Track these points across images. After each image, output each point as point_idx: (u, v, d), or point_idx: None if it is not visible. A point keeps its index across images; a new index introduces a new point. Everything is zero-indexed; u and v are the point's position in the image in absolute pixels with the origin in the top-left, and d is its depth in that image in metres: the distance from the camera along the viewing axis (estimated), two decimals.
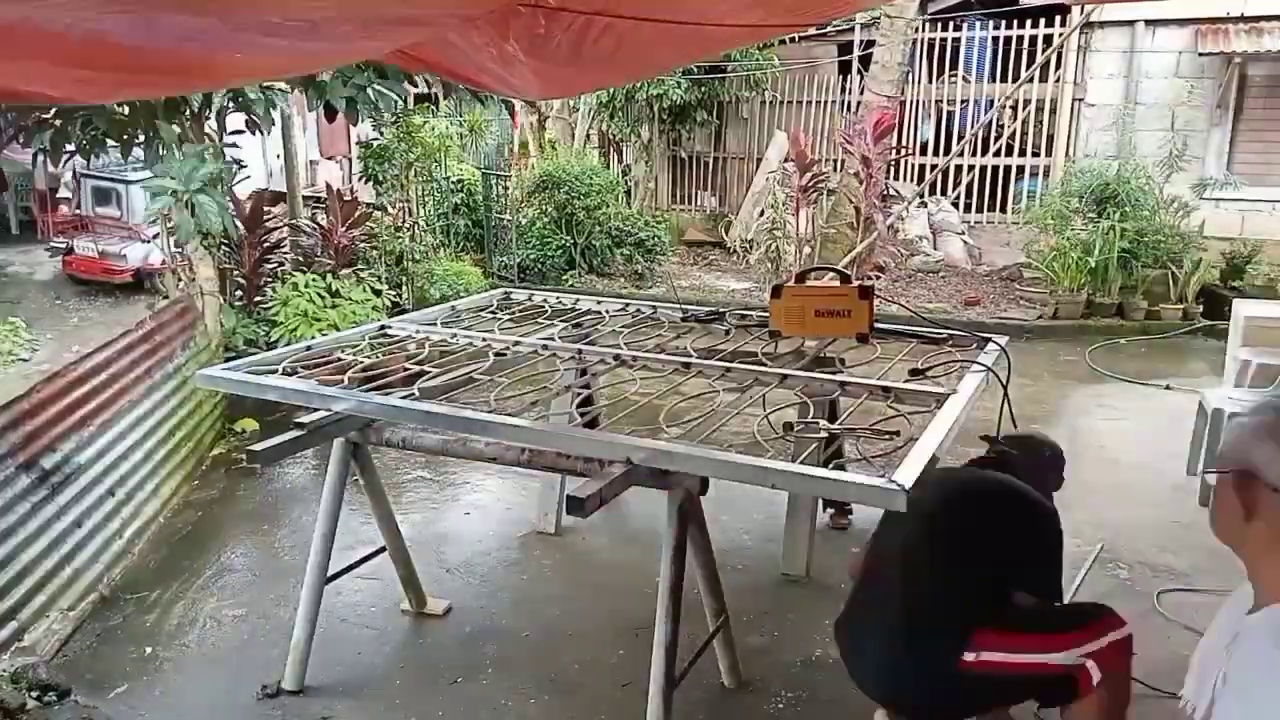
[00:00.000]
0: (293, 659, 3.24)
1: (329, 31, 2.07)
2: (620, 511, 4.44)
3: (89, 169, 10.47)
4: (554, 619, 3.69)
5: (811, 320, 3.46)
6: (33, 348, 9.04)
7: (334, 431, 3.18)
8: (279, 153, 10.36)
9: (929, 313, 8.70)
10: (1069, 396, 6.48)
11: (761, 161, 11.86)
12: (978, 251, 10.77)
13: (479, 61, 3.07)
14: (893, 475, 2.27)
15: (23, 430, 3.76)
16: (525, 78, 3.35)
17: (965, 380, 3.09)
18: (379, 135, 9.15)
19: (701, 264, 11.42)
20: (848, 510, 4.41)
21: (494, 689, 3.24)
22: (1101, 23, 10.12)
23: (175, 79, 2.78)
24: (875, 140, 8.92)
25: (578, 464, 2.77)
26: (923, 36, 10.96)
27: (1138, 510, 4.56)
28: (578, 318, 4.20)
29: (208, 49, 2.01)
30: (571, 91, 8.41)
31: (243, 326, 6.41)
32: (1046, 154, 10.89)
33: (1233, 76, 9.67)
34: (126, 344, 4.74)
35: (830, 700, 3.16)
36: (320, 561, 3.26)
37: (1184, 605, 3.68)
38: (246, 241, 6.90)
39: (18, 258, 12.43)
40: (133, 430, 4.56)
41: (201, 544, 4.40)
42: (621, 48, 3.00)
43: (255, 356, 3.71)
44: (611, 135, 12.33)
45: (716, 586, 3.10)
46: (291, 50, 2.19)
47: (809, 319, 3.46)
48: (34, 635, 3.43)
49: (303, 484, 5.08)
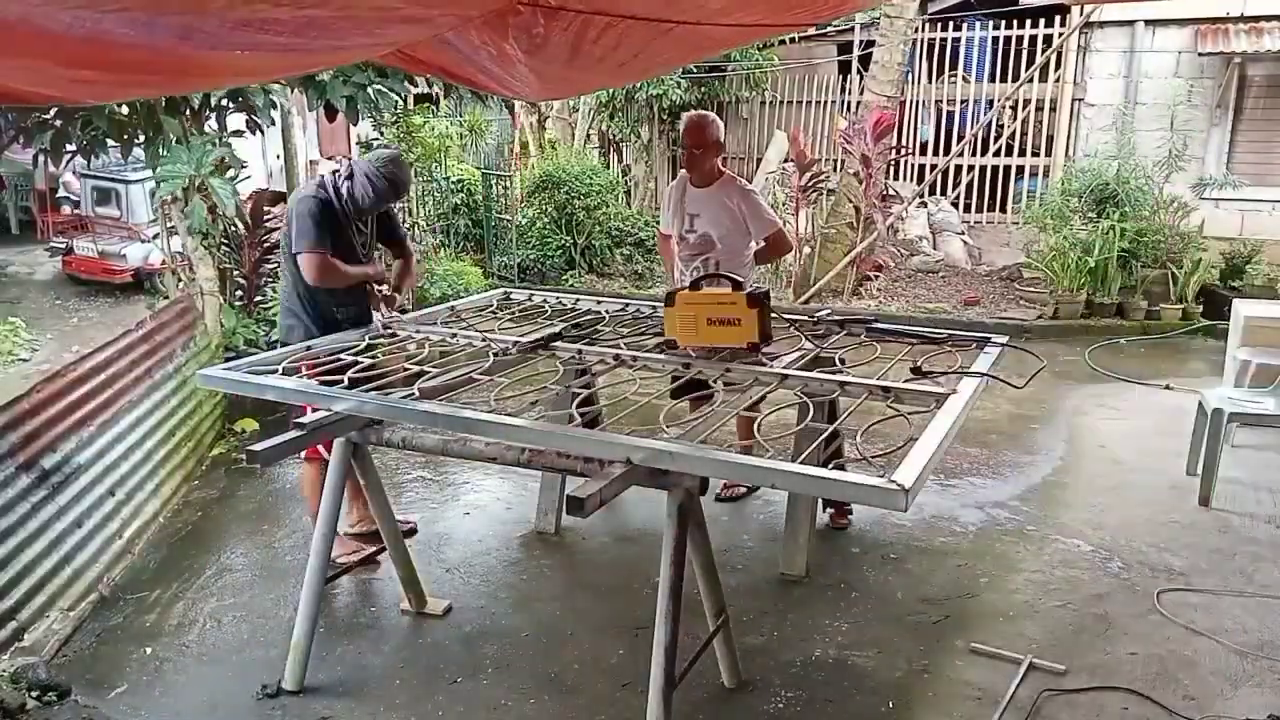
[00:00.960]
0: (293, 659, 3.24)
1: (327, 29, 2.07)
2: (620, 511, 4.45)
3: (89, 169, 10.47)
4: (554, 619, 3.69)
5: (704, 329, 3.33)
6: (32, 348, 9.05)
7: (334, 431, 3.18)
8: (279, 153, 10.36)
9: (929, 313, 8.71)
10: (1069, 396, 6.48)
11: (761, 161, 11.86)
12: (977, 251, 10.77)
13: (478, 62, 3.08)
14: (892, 475, 2.27)
15: (23, 430, 3.75)
16: (525, 79, 3.35)
17: (965, 380, 3.10)
18: (379, 135, 9.15)
19: None
20: (848, 510, 4.41)
21: (494, 689, 3.25)
22: (1101, 23, 10.12)
23: (174, 79, 2.79)
24: (875, 140, 8.92)
25: (578, 464, 2.77)
26: (923, 36, 10.96)
27: (1137, 510, 4.56)
28: (577, 318, 4.21)
29: (207, 48, 2.01)
30: (571, 92, 8.42)
31: (243, 326, 6.40)
32: (1046, 154, 10.89)
33: (1232, 76, 9.67)
34: (126, 344, 4.74)
35: (830, 700, 3.16)
36: (320, 562, 3.26)
37: (1184, 605, 3.69)
38: (246, 241, 6.89)
39: (17, 258, 12.44)
40: (133, 430, 4.56)
41: (201, 544, 4.40)
42: (620, 47, 3.01)
43: (255, 356, 3.71)
44: (611, 135, 12.32)
45: (716, 586, 3.10)
46: (289, 48, 2.19)
47: (701, 328, 3.33)
48: (34, 635, 3.43)
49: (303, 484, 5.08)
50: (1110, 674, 3.24)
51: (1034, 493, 4.87)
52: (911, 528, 4.38)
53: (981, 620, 3.63)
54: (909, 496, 2.21)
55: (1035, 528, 4.42)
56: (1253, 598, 3.75)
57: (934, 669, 3.32)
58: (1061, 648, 3.40)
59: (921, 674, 3.29)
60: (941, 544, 4.27)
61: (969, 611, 3.70)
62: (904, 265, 10.10)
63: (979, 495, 4.78)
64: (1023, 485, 4.95)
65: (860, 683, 3.25)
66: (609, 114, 11.79)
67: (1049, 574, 3.97)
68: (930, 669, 3.32)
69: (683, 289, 3.44)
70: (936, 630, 3.57)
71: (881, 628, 3.59)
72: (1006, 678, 3.22)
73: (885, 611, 3.70)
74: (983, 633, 3.52)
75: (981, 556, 4.11)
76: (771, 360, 3.36)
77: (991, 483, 4.97)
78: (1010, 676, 3.23)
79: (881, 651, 3.43)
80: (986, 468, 5.13)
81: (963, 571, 4.02)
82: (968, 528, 4.43)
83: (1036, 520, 4.50)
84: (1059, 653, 3.36)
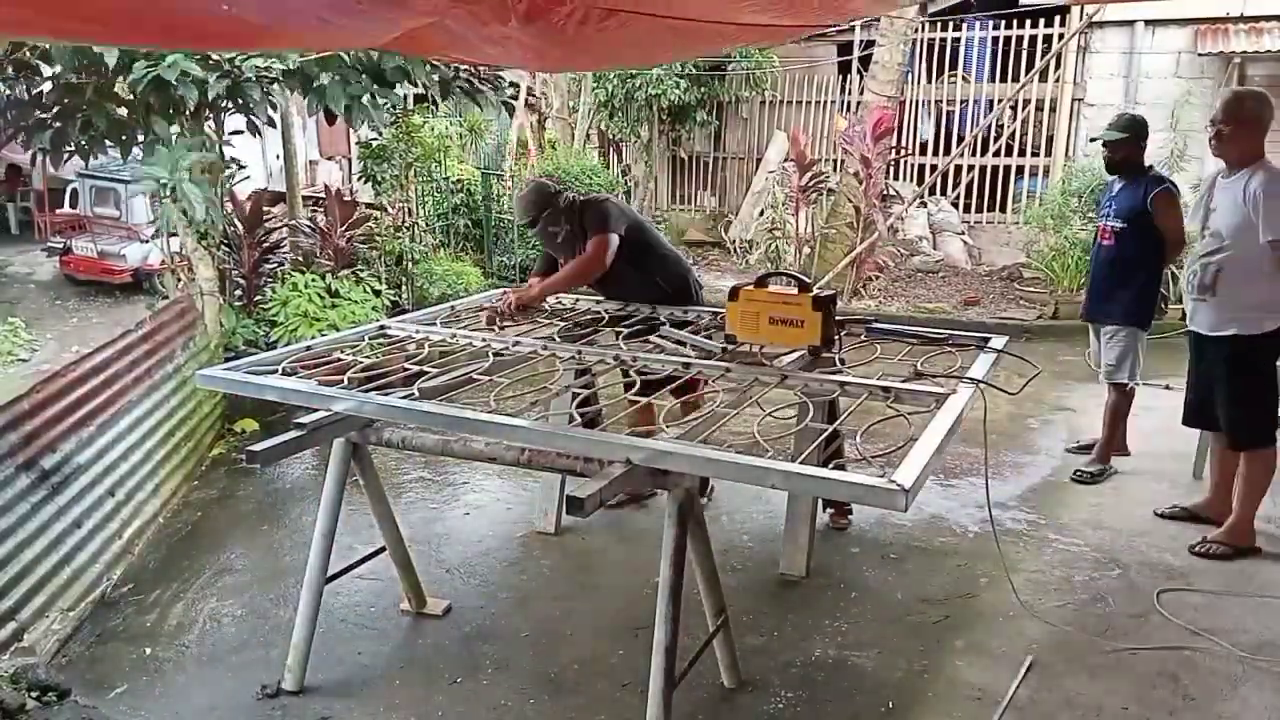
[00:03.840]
0: (293, 659, 3.24)
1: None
2: (620, 511, 4.45)
3: (88, 169, 10.47)
4: (554, 619, 3.69)
5: (765, 327, 3.31)
6: (32, 348, 9.05)
7: (334, 431, 3.18)
8: (279, 153, 10.35)
9: (929, 313, 8.71)
10: (1069, 396, 6.48)
11: (761, 161, 11.86)
12: (977, 251, 10.77)
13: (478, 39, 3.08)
14: (893, 475, 2.27)
15: (22, 430, 3.75)
16: (524, 55, 3.35)
17: (961, 385, 3.09)
18: (378, 136, 9.14)
19: (701, 264, 11.40)
20: (848, 510, 4.41)
21: (493, 689, 3.24)
22: (1101, 23, 10.12)
23: (168, 36, 2.77)
24: (875, 140, 8.92)
25: (578, 464, 2.76)
26: (922, 37, 10.95)
27: (1137, 510, 4.56)
28: (577, 318, 4.21)
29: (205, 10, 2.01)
30: (574, 67, 8.38)
31: (242, 327, 6.40)
32: (1046, 154, 10.89)
33: (1232, 76, 9.66)
34: (126, 344, 4.74)
35: (830, 700, 3.16)
36: (320, 562, 3.26)
37: (1184, 605, 3.69)
38: (246, 241, 6.90)
39: (17, 258, 12.44)
40: (132, 430, 4.56)
41: (201, 544, 4.40)
42: (625, 28, 3.00)
43: (255, 357, 3.71)
44: (611, 135, 12.31)
45: (716, 586, 3.10)
46: (284, 16, 2.18)
47: (763, 325, 3.31)
48: (34, 635, 3.43)
49: (303, 484, 5.08)
50: (1110, 674, 3.24)
51: (1034, 493, 4.87)
52: (911, 528, 4.38)
53: (981, 620, 3.63)
54: (909, 496, 2.21)
55: (1035, 528, 4.42)
56: (1252, 598, 3.75)
57: (934, 669, 3.32)
58: (1062, 648, 3.40)
59: (921, 674, 3.29)
60: (941, 544, 4.27)
61: (969, 611, 3.70)
62: (904, 265, 10.10)
63: (979, 495, 4.78)
64: (1023, 485, 4.95)
65: (860, 683, 3.25)
66: (609, 114, 11.78)
67: (1049, 574, 3.96)
68: (930, 669, 3.32)
69: (748, 285, 3.42)
70: (936, 630, 3.57)
71: (881, 628, 3.59)
72: (1006, 678, 3.23)
73: (885, 611, 3.70)
74: (983, 633, 3.52)
75: (981, 556, 4.11)
76: (771, 360, 3.36)
77: (992, 483, 4.95)
78: (1010, 676, 3.23)
79: (881, 651, 3.43)
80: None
81: (963, 571, 4.01)
82: (968, 528, 4.43)
83: (1036, 520, 4.50)
84: (1059, 653, 3.36)
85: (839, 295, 9.00)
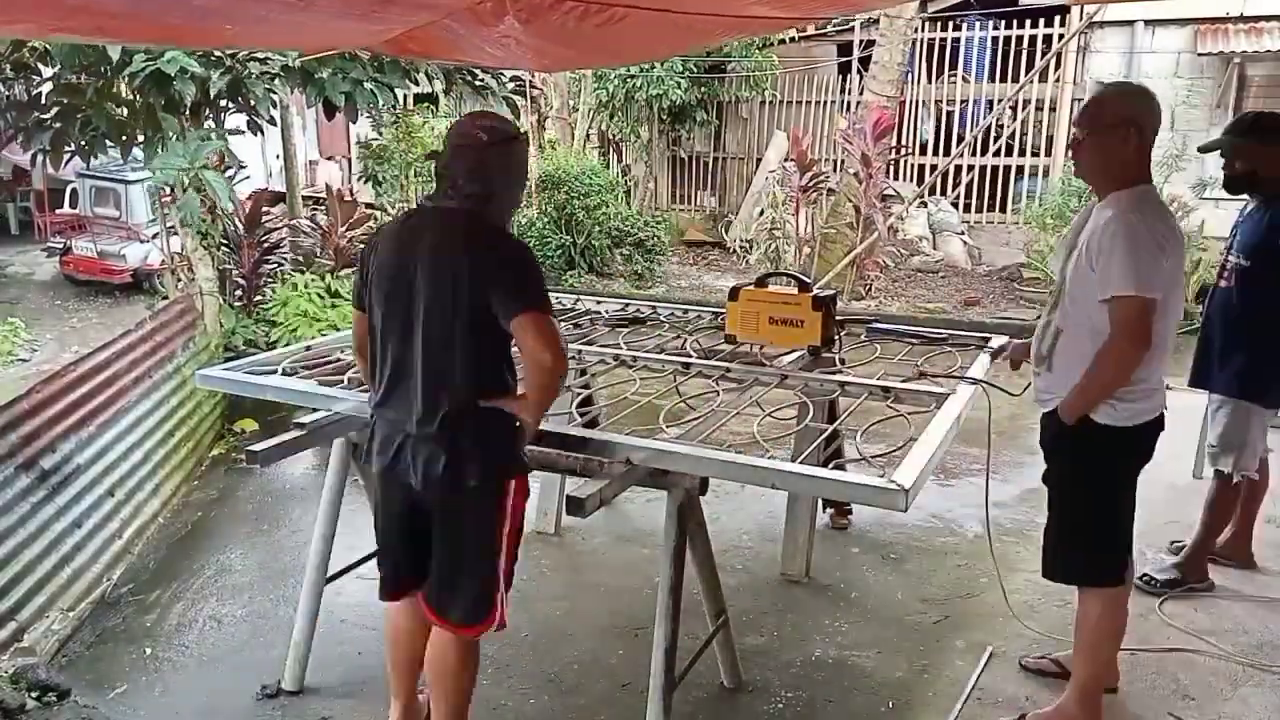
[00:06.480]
0: (293, 659, 3.24)
1: (320, 9, 2.07)
2: (620, 511, 4.44)
3: (88, 169, 10.47)
4: (554, 619, 3.69)
5: (765, 327, 3.31)
6: (32, 348, 9.05)
7: (334, 431, 3.17)
8: (278, 153, 10.36)
9: (929, 313, 8.71)
10: None
11: (761, 161, 11.87)
12: (977, 251, 10.77)
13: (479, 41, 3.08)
14: (893, 475, 2.27)
15: (22, 430, 3.75)
16: (525, 55, 3.35)
17: (961, 385, 3.10)
18: (378, 135, 9.15)
19: (701, 264, 11.42)
20: (848, 510, 4.41)
21: (494, 689, 3.24)
22: (1101, 23, 10.13)
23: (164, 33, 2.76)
24: (875, 140, 8.93)
25: (578, 464, 2.76)
26: (922, 36, 10.96)
27: (1137, 510, 4.54)
28: (577, 318, 4.21)
29: (197, 17, 2.01)
30: (575, 65, 8.38)
31: (242, 327, 6.40)
32: (1046, 154, 10.90)
33: (1232, 76, 9.67)
34: (126, 344, 4.74)
35: (830, 700, 3.16)
36: (320, 562, 3.25)
37: (1184, 606, 3.68)
38: (246, 241, 6.90)
39: (17, 258, 12.44)
40: (132, 430, 4.56)
41: (201, 544, 4.39)
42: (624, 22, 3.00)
43: (255, 357, 3.71)
44: (611, 135, 12.32)
45: (716, 586, 3.09)
46: (277, 23, 2.19)
47: (763, 325, 3.32)
48: (34, 635, 3.43)
49: (303, 484, 5.07)
50: (1110, 674, 3.24)
51: (1034, 493, 4.85)
52: (911, 528, 4.37)
53: (981, 620, 3.62)
54: (909, 496, 2.21)
55: (1035, 528, 4.40)
56: (1252, 599, 3.75)
57: (934, 669, 3.32)
58: (1062, 648, 3.39)
59: (921, 674, 3.29)
60: (941, 544, 4.27)
61: (969, 611, 3.70)
62: (904, 265, 10.11)
63: (979, 495, 4.77)
64: (1023, 485, 4.95)
65: (860, 683, 3.25)
66: (609, 114, 11.79)
67: None
68: (930, 669, 3.32)
69: (748, 285, 3.41)
70: (936, 630, 3.57)
71: (881, 628, 3.59)
72: (1006, 678, 3.22)
73: (885, 611, 3.70)
74: (983, 633, 3.52)
75: (981, 556, 4.10)
76: (771, 360, 3.36)
77: (992, 483, 4.95)
78: (1010, 676, 3.23)
79: (881, 651, 3.43)
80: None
81: (963, 571, 4.01)
82: (968, 528, 4.43)
83: (1036, 520, 4.48)
84: (1059, 653, 3.35)
85: (839, 295, 9.02)
